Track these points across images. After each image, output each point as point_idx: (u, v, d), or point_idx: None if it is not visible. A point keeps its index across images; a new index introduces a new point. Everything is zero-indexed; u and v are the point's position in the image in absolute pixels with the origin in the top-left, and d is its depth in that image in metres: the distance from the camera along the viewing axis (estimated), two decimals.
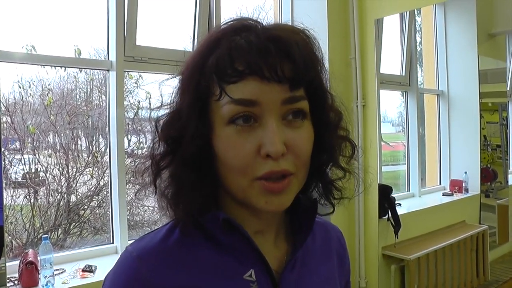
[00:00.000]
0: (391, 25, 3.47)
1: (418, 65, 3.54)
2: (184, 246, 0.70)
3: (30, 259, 2.07)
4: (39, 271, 2.08)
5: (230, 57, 0.64)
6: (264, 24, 0.69)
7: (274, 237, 0.75)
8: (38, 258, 2.10)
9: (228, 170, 0.66)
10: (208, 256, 0.70)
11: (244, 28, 0.67)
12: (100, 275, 2.18)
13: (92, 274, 2.19)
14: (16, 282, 2.07)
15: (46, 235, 2.17)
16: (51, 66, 2.51)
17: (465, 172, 3.34)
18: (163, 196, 0.71)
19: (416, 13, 3.53)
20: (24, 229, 2.60)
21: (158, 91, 0.73)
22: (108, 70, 2.55)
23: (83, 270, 2.21)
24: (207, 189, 0.69)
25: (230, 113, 0.64)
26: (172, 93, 0.71)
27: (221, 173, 0.68)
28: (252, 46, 0.63)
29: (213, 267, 0.69)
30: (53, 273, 2.09)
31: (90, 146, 2.92)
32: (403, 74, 3.45)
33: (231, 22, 0.69)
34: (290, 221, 0.78)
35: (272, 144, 0.62)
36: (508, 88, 3.30)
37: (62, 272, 2.21)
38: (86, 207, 2.86)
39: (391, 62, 3.52)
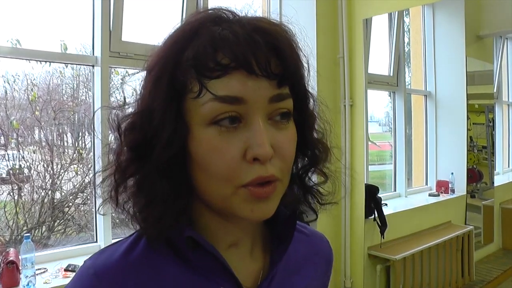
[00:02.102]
0: (380, 25, 3.47)
1: (406, 65, 3.55)
2: (148, 262, 0.63)
3: (11, 258, 2.04)
4: (20, 271, 2.04)
5: (212, 49, 0.57)
6: (244, 15, 0.62)
7: (250, 249, 0.70)
8: (20, 257, 2.07)
9: (209, 177, 0.59)
10: (175, 274, 0.63)
11: (223, 19, 0.61)
12: None
13: (74, 273, 2.16)
14: None
15: (27, 234, 2.14)
16: (36, 60, 2.47)
17: (452, 173, 3.36)
18: (125, 208, 0.64)
19: (404, 13, 3.54)
20: (7, 227, 2.56)
21: (120, 89, 0.66)
22: (93, 66, 2.52)
23: (65, 270, 2.18)
24: (183, 199, 0.62)
25: (213, 113, 0.57)
26: (137, 91, 0.64)
27: (198, 181, 0.61)
28: (238, 37, 0.56)
29: (178, 286, 0.63)
30: (34, 272, 2.06)
31: (76, 143, 2.89)
32: (391, 74, 3.46)
33: (206, 12, 0.62)
34: (269, 231, 0.73)
35: (260, 146, 0.56)
36: (495, 90, 3.33)
37: (44, 272, 2.18)
38: (70, 204, 2.82)
39: (379, 62, 3.53)
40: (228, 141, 0.57)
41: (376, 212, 3.24)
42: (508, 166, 3.38)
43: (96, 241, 2.54)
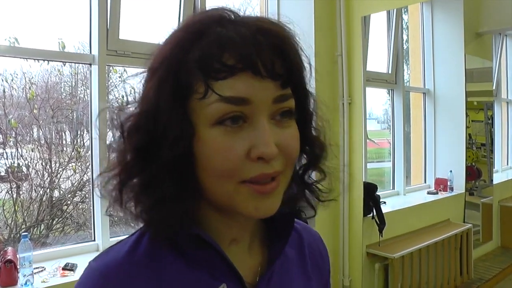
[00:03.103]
0: (378, 22, 3.47)
1: (404, 63, 3.55)
2: (152, 260, 0.65)
3: (9, 257, 2.03)
4: (18, 270, 2.04)
5: (218, 51, 0.57)
6: (245, 15, 0.63)
7: (249, 245, 0.71)
8: (18, 256, 2.07)
9: (212, 175, 0.60)
10: (178, 271, 0.65)
11: (225, 19, 0.61)
12: (81, 273, 2.15)
13: (72, 272, 2.16)
14: None
15: (25, 233, 2.14)
16: (34, 59, 2.47)
17: (450, 171, 3.36)
18: (128, 209, 0.64)
19: (403, 11, 3.53)
20: (6, 225, 2.56)
21: (123, 89, 0.67)
22: (91, 64, 2.52)
23: (63, 269, 2.18)
24: (189, 199, 0.62)
25: (219, 113, 0.58)
26: (139, 91, 0.64)
27: (203, 180, 0.62)
28: (244, 38, 0.58)
29: (181, 283, 0.64)
30: (32, 271, 2.06)
31: (74, 141, 2.89)
32: (389, 72, 3.45)
33: (210, 12, 0.63)
34: (267, 227, 0.74)
35: (265, 145, 0.58)
36: (494, 87, 3.32)
37: (42, 271, 2.17)
38: (69, 202, 2.83)
39: (378, 59, 3.52)
40: (233, 140, 0.59)
41: (374, 210, 3.24)
42: (507, 164, 3.38)
43: (94, 240, 2.54)
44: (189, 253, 0.65)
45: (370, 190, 3.25)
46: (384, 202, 3.34)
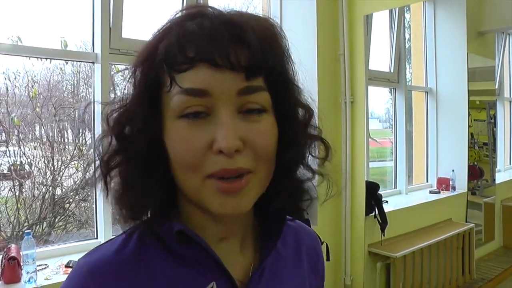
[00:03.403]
0: (380, 21, 3.46)
1: (406, 62, 3.54)
2: (140, 259, 0.64)
3: (12, 254, 2.04)
4: (22, 267, 2.05)
5: (179, 44, 0.58)
6: (223, 10, 0.63)
7: (240, 243, 0.70)
8: (21, 253, 2.07)
9: (179, 168, 0.60)
10: (167, 270, 0.64)
11: (199, 14, 0.61)
12: None
13: (69, 272, 2.17)
14: None
15: (28, 230, 2.14)
16: (37, 57, 2.47)
17: (453, 170, 3.35)
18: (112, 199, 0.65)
19: (405, 9, 3.53)
20: (8, 222, 2.57)
21: (111, 82, 0.68)
22: (93, 63, 2.52)
23: (66, 266, 2.18)
24: (158, 192, 0.63)
25: (180, 105, 0.58)
26: (124, 86, 0.65)
27: (175, 173, 0.62)
28: (203, 30, 0.58)
29: (171, 281, 0.64)
30: (35, 268, 2.06)
31: (76, 139, 2.89)
32: (392, 70, 3.45)
33: (189, 9, 0.63)
34: (259, 225, 0.73)
35: (224, 139, 0.56)
36: (496, 87, 3.32)
37: (45, 268, 2.18)
38: (71, 200, 2.83)
39: (380, 58, 3.52)
40: (195, 133, 0.58)
41: (376, 209, 3.23)
42: (510, 163, 3.38)
43: (97, 237, 2.54)
44: (177, 250, 0.65)
45: (372, 189, 3.25)
46: (386, 201, 3.34)
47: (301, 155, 0.68)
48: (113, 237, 0.69)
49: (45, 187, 2.70)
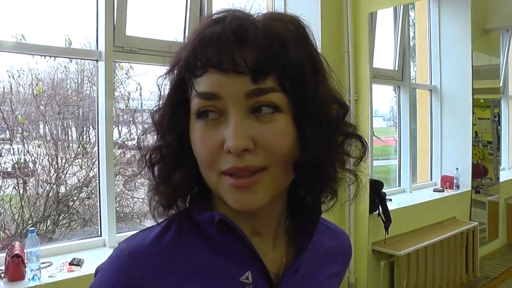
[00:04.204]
0: (385, 19, 3.46)
1: (411, 60, 3.54)
2: (178, 246, 0.68)
3: (16, 252, 2.04)
4: (26, 264, 2.05)
5: (194, 50, 0.62)
6: (254, 15, 0.65)
7: (273, 240, 0.72)
8: (25, 251, 2.08)
9: (200, 164, 0.65)
10: (203, 257, 0.68)
11: (221, 19, 0.63)
12: (87, 269, 2.16)
13: (79, 267, 2.17)
14: (2, 275, 2.04)
15: (32, 228, 2.14)
16: (40, 55, 2.48)
17: (457, 168, 3.35)
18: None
19: (410, 7, 3.52)
20: (13, 220, 2.58)
21: (156, 84, 0.72)
22: (97, 60, 2.52)
23: (70, 264, 2.18)
24: (188, 185, 0.69)
25: (196, 107, 0.63)
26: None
27: (200, 168, 0.67)
28: (213, 37, 0.61)
29: (207, 268, 0.67)
30: (39, 266, 2.06)
31: (80, 137, 2.90)
32: (396, 68, 3.45)
33: (215, 14, 0.65)
34: (293, 224, 0.75)
35: (232, 139, 0.60)
36: (501, 85, 3.31)
37: (49, 266, 2.18)
38: (75, 198, 2.84)
39: (384, 56, 3.51)
40: (209, 133, 0.63)
41: (380, 208, 3.23)
42: None
43: (101, 235, 2.54)
44: (214, 239, 0.68)
45: (376, 188, 3.24)
46: (390, 200, 3.33)
47: (327, 154, 0.67)
48: (152, 225, 0.73)
49: (49, 185, 2.71)
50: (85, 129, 2.90)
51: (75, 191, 2.82)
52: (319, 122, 0.65)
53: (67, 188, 2.80)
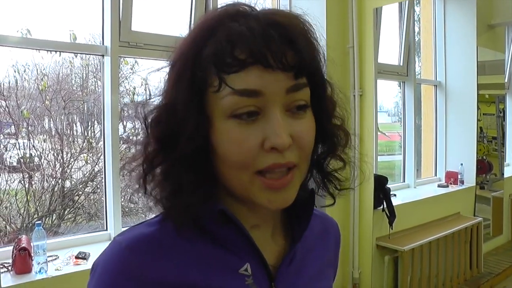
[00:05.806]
0: (390, 14, 3.45)
1: (416, 55, 3.53)
2: (177, 237, 0.67)
3: (23, 245, 2.05)
4: (32, 258, 2.07)
5: (230, 45, 0.59)
6: (260, 10, 0.65)
7: (271, 231, 0.73)
8: (32, 244, 2.09)
9: (229, 166, 0.63)
10: (202, 249, 0.67)
11: (240, 14, 0.63)
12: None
13: (85, 261, 2.18)
14: (9, 268, 2.06)
15: (39, 222, 2.16)
16: (46, 50, 2.48)
17: (461, 164, 3.34)
18: (152, 196, 0.67)
19: (415, 2, 3.51)
20: (18, 214, 2.59)
21: (145, 83, 0.69)
22: (103, 56, 2.52)
23: (76, 257, 2.19)
24: (207, 188, 0.65)
25: (233, 106, 0.60)
26: (163, 85, 0.66)
27: (220, 170, 0.64)
28: (254, 32, 0.59)
29: (206, 260, 0.67)
30: (46, 259, 2.08)
31: (85, 132, 2.91)
32: (401, 64, 3.44)
33: (225, 8, 0.64)
34: (287, 213, 0.75)
35: (277, 136, 0.59)
36: (506, 80, 3.30)
37: (55, 259, 2.19)
38: (80, 193, 2.85)
39: (389, 51, 3.51)
40: (247, 132, 0.60)
41: (385, 203, 3.23)
42: None
43: (106, 229, 2.55)
44: (213, 231, 0.67)
45: (380, 183, 3.24)
46: (395, 195, 3.34)
47: (333, 146, 0.71)
48: (148, 219, 0.71)
49: (54, 179, 2.72)
50: (90, 124, 2.91)
51: (81, 186, 2.83)
52: (330, 116, 0.69)
53: (73, 182, 2.81)
